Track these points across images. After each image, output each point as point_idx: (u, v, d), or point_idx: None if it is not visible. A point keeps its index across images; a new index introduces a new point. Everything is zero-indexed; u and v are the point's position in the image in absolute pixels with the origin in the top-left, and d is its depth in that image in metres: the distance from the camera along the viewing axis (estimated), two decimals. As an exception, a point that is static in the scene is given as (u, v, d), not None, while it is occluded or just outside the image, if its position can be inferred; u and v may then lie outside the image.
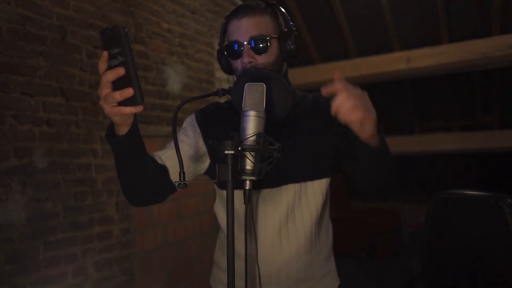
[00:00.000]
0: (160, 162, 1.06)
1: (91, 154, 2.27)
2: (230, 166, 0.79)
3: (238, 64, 1.05)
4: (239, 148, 0.79)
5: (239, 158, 0.82)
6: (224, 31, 1.11)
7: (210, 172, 1.16)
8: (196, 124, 1.15)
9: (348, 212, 4.95)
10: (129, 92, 0.75)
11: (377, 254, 4.35)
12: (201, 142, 1.13)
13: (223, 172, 0.79)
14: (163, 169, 1.05)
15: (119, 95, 0.76)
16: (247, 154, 0.81)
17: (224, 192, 1.09)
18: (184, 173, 0.83)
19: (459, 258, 1.50)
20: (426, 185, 4.96)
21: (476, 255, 1.45)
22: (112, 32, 0.74)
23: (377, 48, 3.71)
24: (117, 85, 0.76)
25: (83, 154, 2.23)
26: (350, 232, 4.45)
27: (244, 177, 0.82)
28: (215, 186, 1.19)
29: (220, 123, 1.14)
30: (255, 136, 0.81)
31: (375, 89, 4.37)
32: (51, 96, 2.09)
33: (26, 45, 1.98)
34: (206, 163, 1.14)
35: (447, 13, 3.33)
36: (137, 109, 0.78)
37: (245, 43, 1.02)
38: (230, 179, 0.79)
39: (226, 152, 0.79)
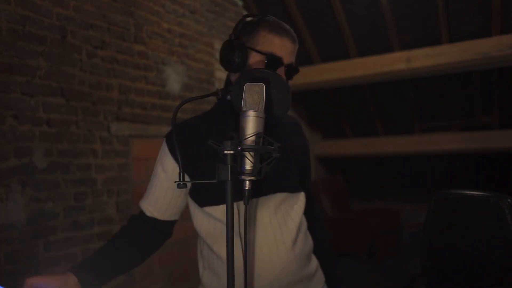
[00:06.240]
0: (149, 214, 1.15)
1: (91, 154, 2.28)
2: (229, 166, 0.78)
3: None
4: (239, 148, 0.79)
5: (238, 158, 0.82)
6: (256, 30, 1.09)
7: (192, 191, 1.14)
8: (168, 153, 1.12)
9: (348, 212, 4.95)
10: None
11: (377, 254, 4.35)
12: (176, 171, 1.10)
13: (223, 172, 0.79)
14: (152, 224, 1.16)
15: None
16: (247, 154, 0.81)
17: (208, 208, 1.10)
18: (184, 173, 0.83)
19: (459, 258, 1.50)
20: (426, 185, 4.96)
21: (476, 255, 1.45)
22: None
23: (377, 48, 3.71)
24: None
25: (83, 154, 2.23)
26: (350, 232, 4.45)
27: (243, 177, 0.82)
28: (192, 206, 1.16)
29: (191, 138, 1.12)
30: (254, 136, 0.81)
31: (375, 89, 4.38)
32: (51, 96, 2.09)
33: (26, 45, 1.98)
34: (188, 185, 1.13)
35: (447, 13, 3.32)
36: None
37: (285, 64, 1.08)
38: (229, 179, 0.78)
39: (225, 152, 0.79)
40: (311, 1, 3.64)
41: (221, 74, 3.40)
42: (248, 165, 0.81)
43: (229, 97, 0.96)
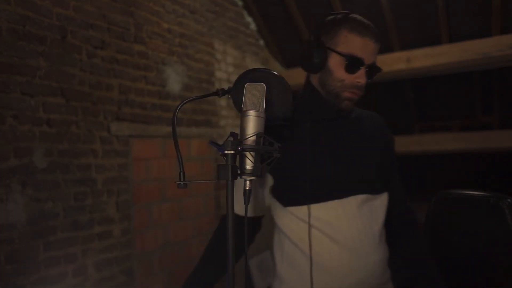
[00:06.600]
0: (238, 212, 1.15)
1: (91, 154, 2.28)
2: (230, 166, 0.78)
3: (344, 75, 1.07)
4: (239, 148, 0.79)
5: (238, 158, 0.82)
6: (337, 30, 1.08)
7: (274, 191, 1.17)
8: None
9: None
10: None
11: (377, 254, 4.34)
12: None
13: (223, 172, 0.79)
14: (243, 221, 1.20)
15: None
16: (247, 154, 0.81)
17: (292, 208, 1.11)
18: (184, 173, 0.82)
19: (459, 258, 1.50)
20: (426, 185, 4.96)
21: (476, 255, 1.45)
22: None
23: (377, 48, 3.70)
24: None
25: (83, 154, 2.23)
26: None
27: (244, 177, 0.82)
28: (274, 204, 1.18)
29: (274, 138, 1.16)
30: (254, 136, 0.81)
31: (375, 89, 4.37)
32: (51, 96, 2.09)
33: (26, 45, 1.98)
34: (271, 183, 1.17)
35: (447, 13, 3.33)
36: None
37: (365, 64, 1.06)
38: (230, 179, 0.78)
39: (226, 152, 0.79)
40: (311, 1, 3.64)
41: (221, 74, 3.40)
42: (249, 165, 0.81)
43: (229, 96, 0.96)
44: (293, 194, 1.11)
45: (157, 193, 2.74)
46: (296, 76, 4.04)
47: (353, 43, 1.06)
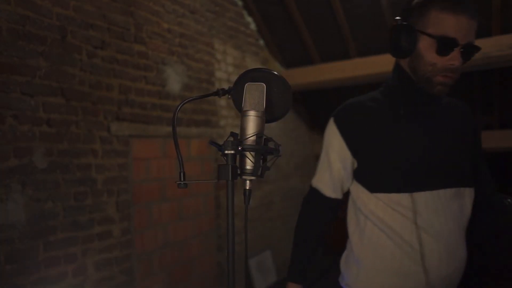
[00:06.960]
0: (327, 194, 1.22)
1: (91, 154, 2.28)
2: (230, 166, 0.78)
3: (435, 58, 1.02)
4: (239, 148, 0.79)
5: (238, 158, 0.82)
6: (426, 10, 1.02)
7: (359, 175, 1.17)
8: (337, 133, 1.17)
9: (348, 212, 4.93)
10: None
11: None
12: (346, 153, 1.16)
13: (223, 172, 0.79)
14: (329, 202, 1.26)
15: None
16: (247, 154, 0.81)
17: (380, 195, 1.10)
18: (184, 173, 0.83)
19: (459, 258, 1.50)
20: (426, 185, 4.94)
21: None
22: None
23: (377, 48, 3.71)
24: None
25: (83, 154, 2.23)
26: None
27: (244, 177, 0.82)
28: (356, 187, 1.18)
29: (364, 121, 1.14)
30: (255, 136, 0.81)
31: (375, 89, 4.38)
32: (51, 96, 2.09)
33: (26, 45, 1.98)
34: (354, 165, 1.18)
35: (447, 13, 3.33)
36: None
37: (459, 45, 0.99)
38: (230, 179, 0.78)
39: (226, 152, 0.79)
40: (311, 1, 3.64)
41: (221, 74, 3.40)
42: (249, 165, 0.81)
43: (229, 96, 0.96)
44: (382, 181, 1.09)
45: (157, 193, 2.74)
46: (296, 76, 4.04)
47: (445, 22, 0.99)
